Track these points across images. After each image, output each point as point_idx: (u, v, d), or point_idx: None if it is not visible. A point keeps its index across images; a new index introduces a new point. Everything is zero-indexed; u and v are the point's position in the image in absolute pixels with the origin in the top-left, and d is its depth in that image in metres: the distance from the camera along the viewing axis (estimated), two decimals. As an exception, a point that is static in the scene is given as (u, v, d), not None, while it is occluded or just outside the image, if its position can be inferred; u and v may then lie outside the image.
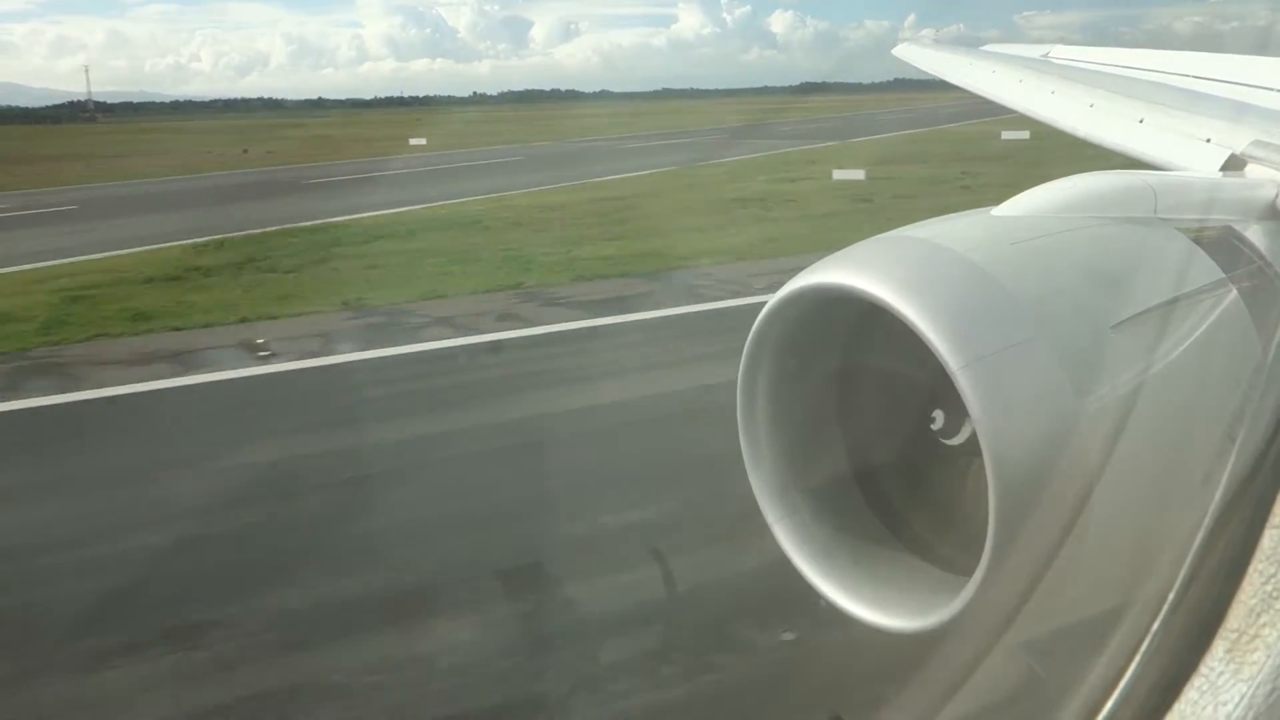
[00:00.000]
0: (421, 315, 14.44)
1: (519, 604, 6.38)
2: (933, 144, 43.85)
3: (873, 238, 2.17)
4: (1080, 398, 1.79)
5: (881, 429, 2.27)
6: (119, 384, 11.50)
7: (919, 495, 2.23)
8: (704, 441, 6.31)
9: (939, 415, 1.94)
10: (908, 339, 1.82)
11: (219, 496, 8.08)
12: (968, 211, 2.35)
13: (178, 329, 14.12)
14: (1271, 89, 5.16)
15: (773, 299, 2.08)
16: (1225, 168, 2.96)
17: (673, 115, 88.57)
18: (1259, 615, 0.98)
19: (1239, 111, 4.06)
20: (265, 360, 12.35)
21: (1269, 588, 0.99)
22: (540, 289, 16.04)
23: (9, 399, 11.03)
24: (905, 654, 2.07)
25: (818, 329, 2.13)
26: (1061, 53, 8.45)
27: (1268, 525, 1.03)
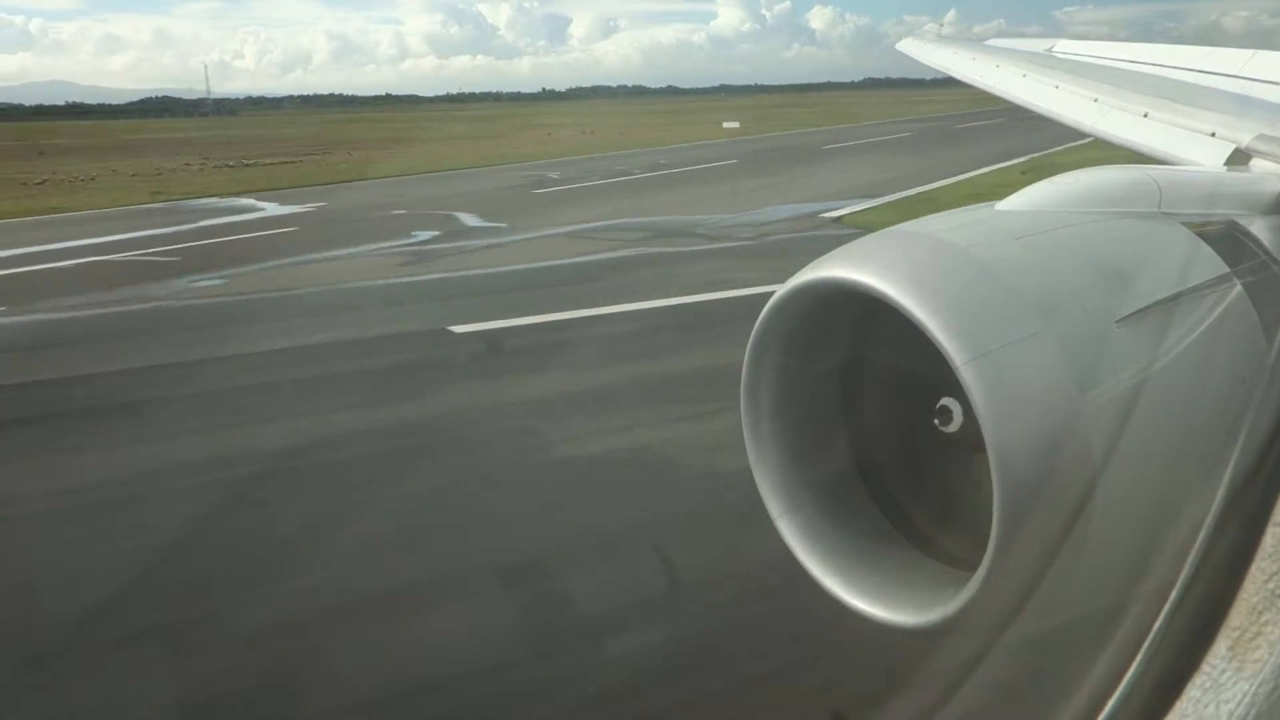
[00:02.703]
0: None
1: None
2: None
3: (877, 232, 2.17)
4: (1084, 393, 1.79)
5: (886, 424, 2.27)
6: None
7: (923, 490, 2.23)
8: None
9: (943, 410, 1.94)
10: (912, 334, 1.82)
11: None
12: (972, 206, 2.35)
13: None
14: (1277, 83, 5.14)
15: (777, 293, 2.07)
16: (1230, 162, 2.95)
17: (839, 108, 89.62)
18: (1261, 613, 0.97)
19: (1244, 106, 4.05)
20: None
21: (1271, 585, 0.98)
22: None
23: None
24: (909, 649, 2.07)
25: (822, 324, 2.13)
26: (1065, 47, 8.42)
27: (1270, 523, 1.03)
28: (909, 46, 9.07)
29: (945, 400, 1.92)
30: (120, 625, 5.78)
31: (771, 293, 2.09)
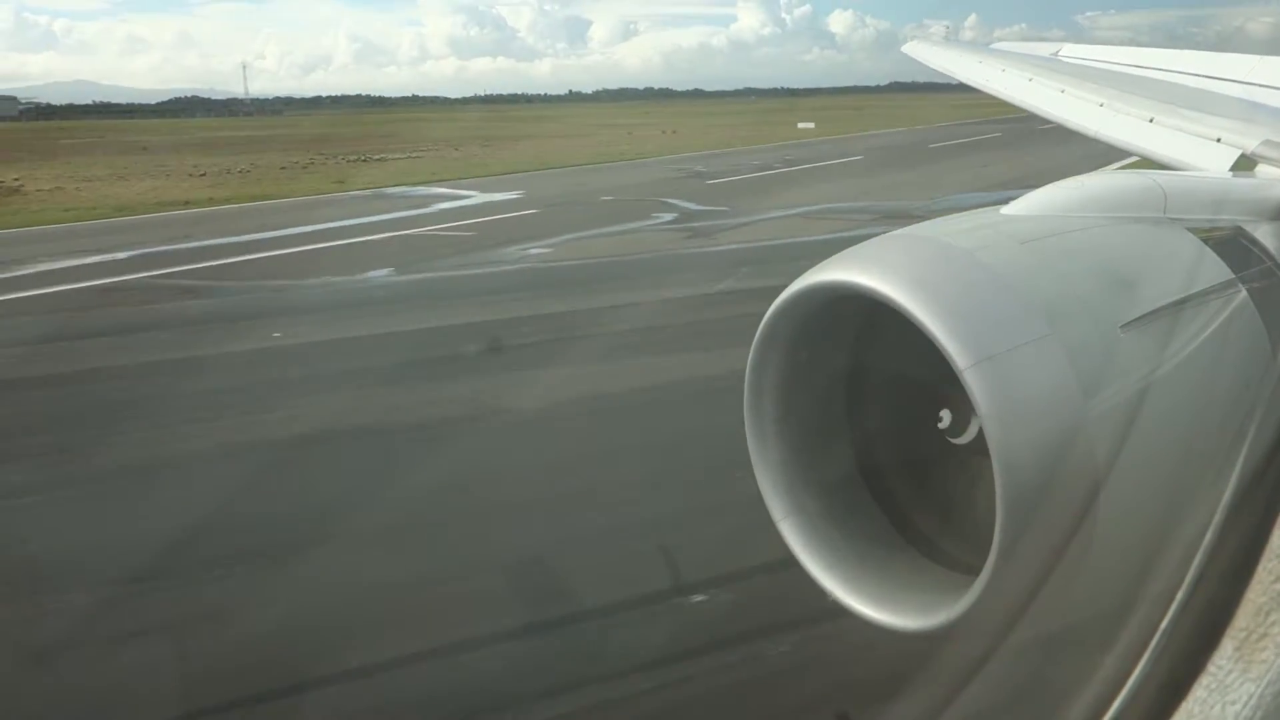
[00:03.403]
0: None
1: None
2: None
3: (882, 236, 2.17)
4: (1088, 397, 1.78)
5: (889, 428, 2.26)
6: None
7: (926, 494, 2.23)
8: None
9: (946, 414, 1.94)
10: (916, 337, 1.82)
11: None
12: (977, 210, 2.35)
13: None
14: None
15: (781, 296, 2.07)
16: (1235, 167, 2.95)
17: (888, 111, 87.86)
18: (1268, 614, 0.97)
19: (1250, 111, 4.05)
20: None
21: (1278, 587, 0.99)
22: None
23: None
24: (913, 652, 2.07)
25: (826, 327, 2.13)
26: (1071, 51, 8.42)
27: (1277, 525, 1.03)
28: (915, 50, 9.06)
29: (949, 404, 1.92)
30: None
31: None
